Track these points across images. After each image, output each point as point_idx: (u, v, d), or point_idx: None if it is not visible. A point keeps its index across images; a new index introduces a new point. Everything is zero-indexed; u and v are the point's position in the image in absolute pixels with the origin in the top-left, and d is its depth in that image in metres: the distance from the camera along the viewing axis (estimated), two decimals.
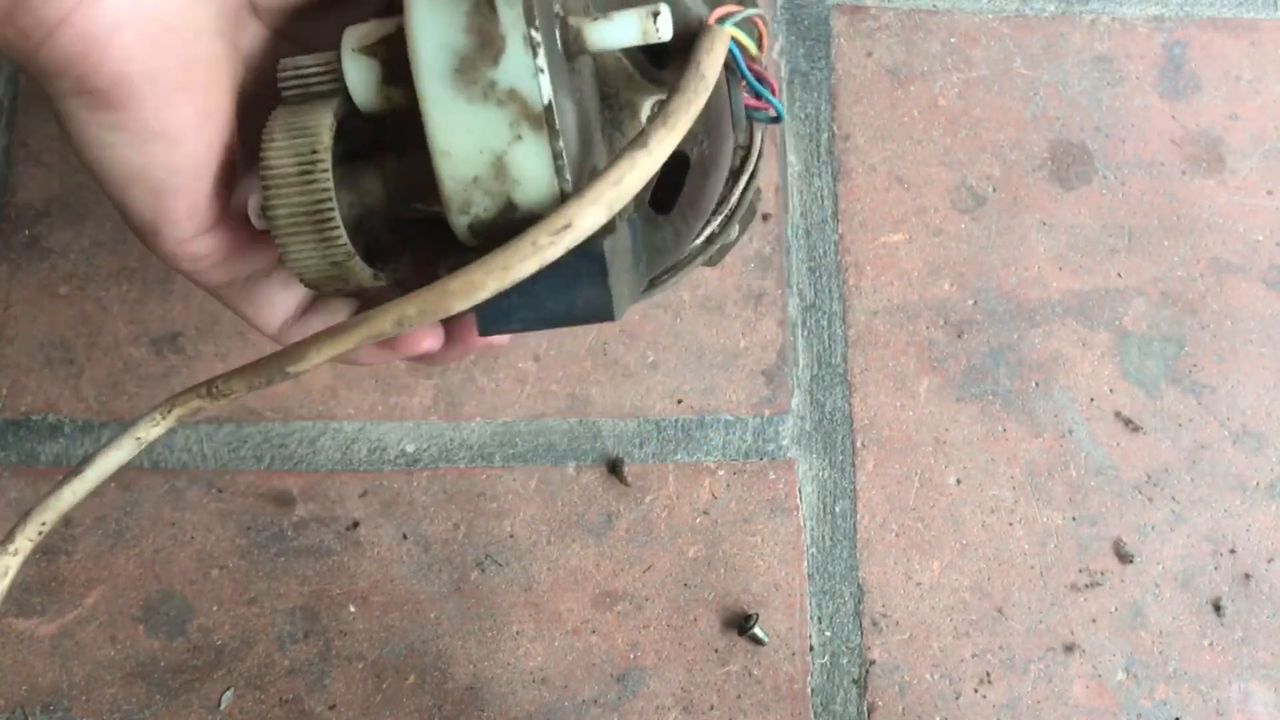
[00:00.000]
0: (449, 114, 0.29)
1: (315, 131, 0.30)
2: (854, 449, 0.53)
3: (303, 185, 0.30)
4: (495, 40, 0.28)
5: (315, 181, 0.30)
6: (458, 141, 0.29)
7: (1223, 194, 0.58)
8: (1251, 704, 0.50)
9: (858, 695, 0.50)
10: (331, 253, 0.31)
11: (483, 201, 0.30)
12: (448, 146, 0.29)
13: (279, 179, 0.30)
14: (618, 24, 0.30)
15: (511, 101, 0.29)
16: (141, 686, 0.48)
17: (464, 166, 0.30)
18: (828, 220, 0.56)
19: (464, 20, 0.28)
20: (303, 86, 0.31)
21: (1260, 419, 0.54)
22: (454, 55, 0.29)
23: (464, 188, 0.30)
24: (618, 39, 0.30)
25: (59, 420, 0.51)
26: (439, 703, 0.49)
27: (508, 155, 0.29)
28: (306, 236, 0.31)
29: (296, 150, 0.30)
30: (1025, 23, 0.60)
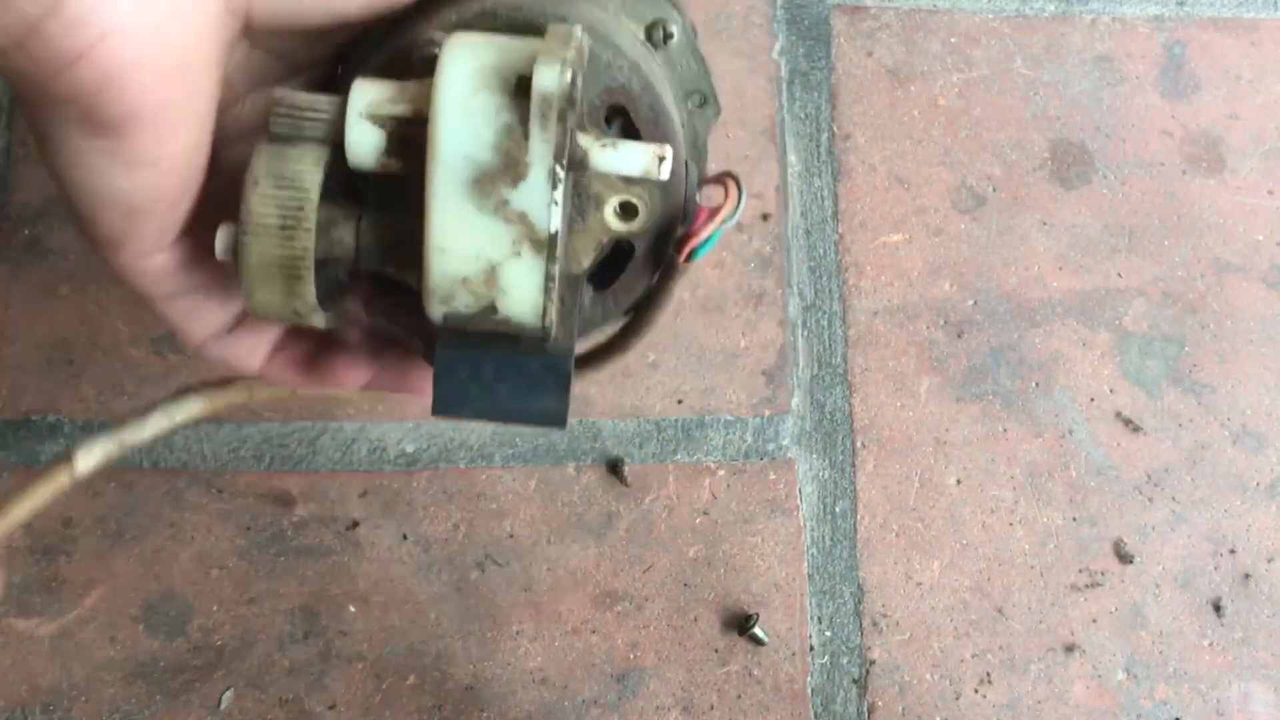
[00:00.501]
0: (454, 217, 0.30)
1: (304, 186, 0.30)
2: (854, 449, 0.53)
3: (282, 240, 0.30)
4: (520, 166, 0.29)
5: (296, 240, 0.30)
6: (456, 243, 0.30)
7: (1223, 194, 0.58)
8: (1252, 704, 0.50)
9: (858, 695, 0.50)
10: (296, 304, 0.31)
11: (465, 299, 0.31)
12: (445, 245, 0.30)
13: (259, 229, 0.30)
14: (625, 156, 0.31)
15: (520, 222, 0.30)
16: (141, 687, 0.48)
17: (456, 266, 0.30)
18: (828, 220, 0.56)
19: (493, 138, 0.29)
20: (294, 126, 0.30)
21: (1260, 419, 0.54)
22: (474, 167, 0.29)
23: (450, 284, 0.30)
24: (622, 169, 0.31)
25: (59, 420, 0.51)
26: (439, 703, 0.49)
27: (503, 267, 0.30)
28: (275, 287, 0.30)
29: (282, 203, 0.30)
30: (1025, 22, 0.60)
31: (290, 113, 0.30)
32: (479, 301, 0.31)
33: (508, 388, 0.32)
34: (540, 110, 0.28)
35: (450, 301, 0.31)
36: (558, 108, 0.28)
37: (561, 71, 0.28)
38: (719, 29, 0.59)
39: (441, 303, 0.31)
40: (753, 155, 0.56)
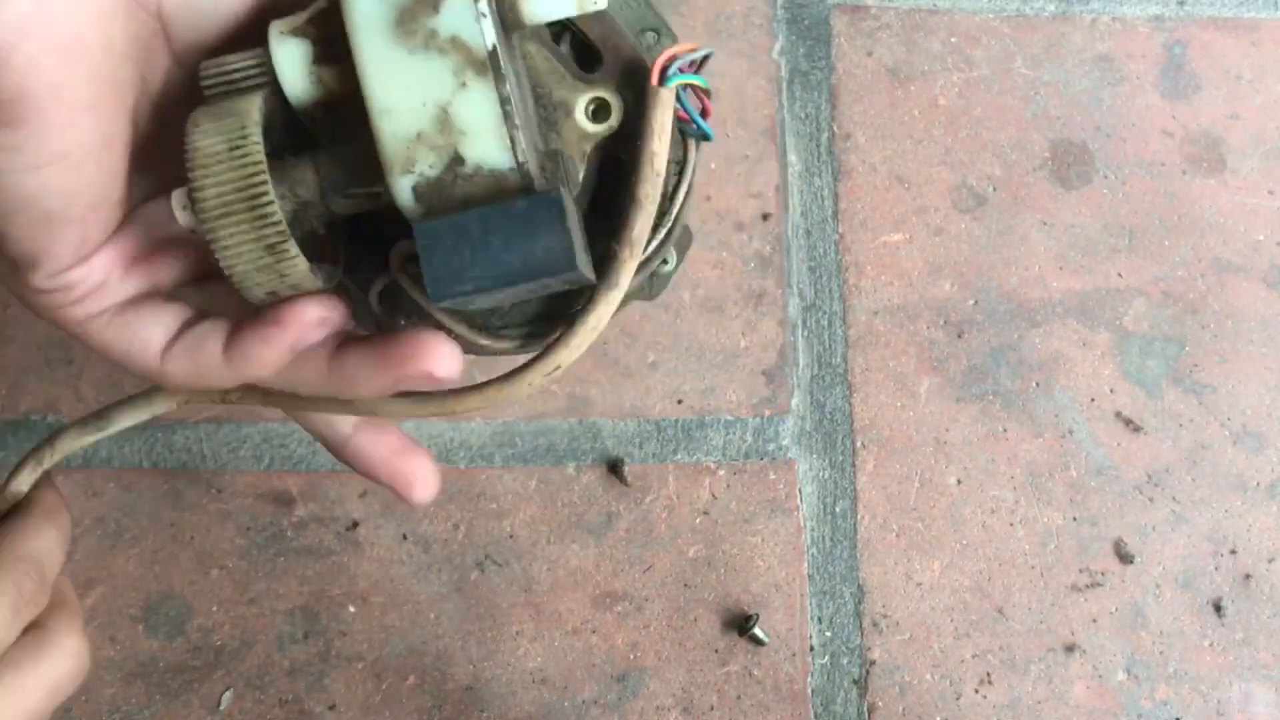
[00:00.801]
0: (389, 68, 0.28)
1: (244, 111, 0.29)
2: (854, 449, 0.53)
3: (233, 161, 0.28)
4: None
5: (247, 155, 0.28)
6: (399, 96, 0.28)
7: (1223, 194, 0.58)
8: (1252, 704, 0.50)
9: (858, 695, 0.50)
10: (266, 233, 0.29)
11: (427, 158, 0.29)
12: (388, 103, 0.28)
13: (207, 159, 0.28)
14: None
15: (454, 49, 0.28)
16: (141, 687, 0.48)
17: (406, 122, 0.28)
18: (828, 220, 0.56)
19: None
20: (227, 84, 0.29)
21: (1261, 419, 0.54)
22: (391, 7, 0.28)
23: (407, 146, 0.29)
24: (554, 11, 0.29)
25: (59, 420, 0.51)
26: (439, 703, 0.49)
27: (452, 105, 0.28)
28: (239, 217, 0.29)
29: (225, 129, 0.28)
30: (1026, 22, 0.60)
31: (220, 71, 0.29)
32: (442, 156, 0.29)
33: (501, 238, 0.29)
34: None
35: (412, 166, 0.29)
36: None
37: None
38: (719, 29, 0.59)
39: (404, 171, 0.29)
40: (753, 155, 0.56)
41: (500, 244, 0.29)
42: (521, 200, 0.29)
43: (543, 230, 0.29)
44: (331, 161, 0.30)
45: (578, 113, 0.32)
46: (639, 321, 0.54)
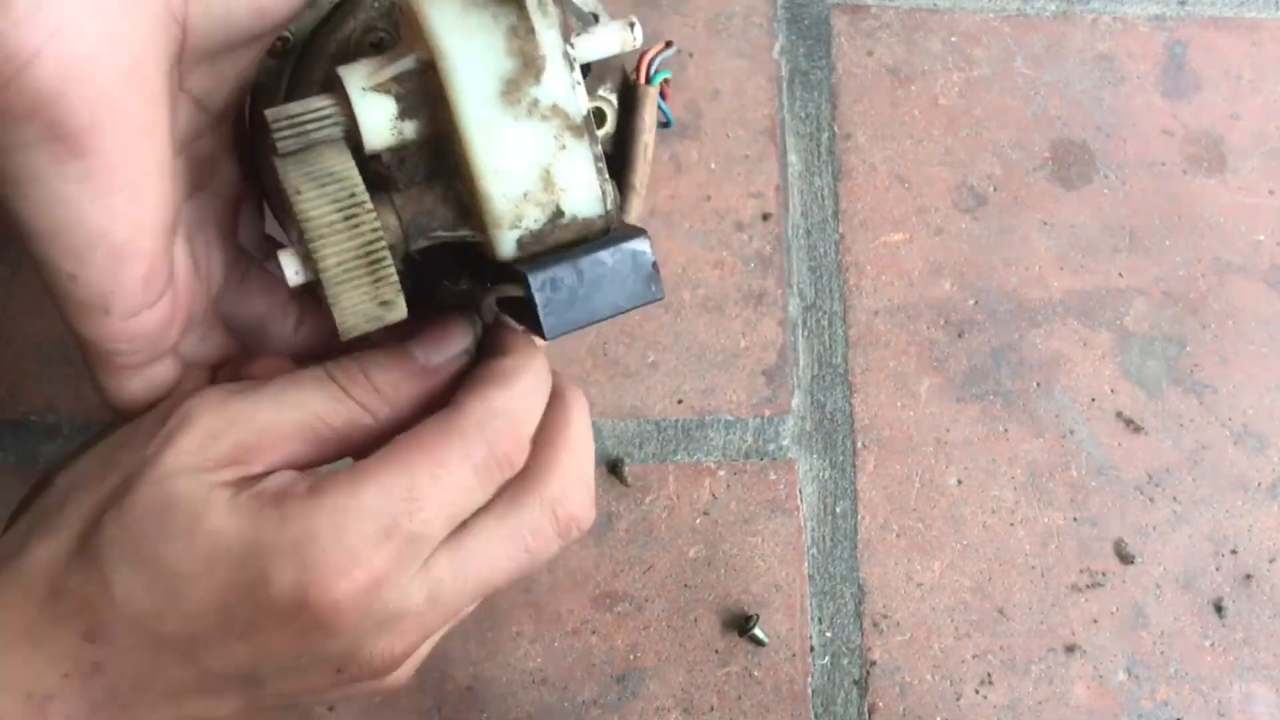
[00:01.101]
0: (497, 135, 0.30)
1: (346, 175, 0.30)
2: (854, 449, 0.53)
3: (350, 230, 0.30)
4: (536, 61, 0.30)
5: (363, 223, 0.30)
6: (507, 159, 0.30)
7: (1224, 193, 0.58)
8: (1253, 705, 0.50)
9: (858, 696, 0.50)
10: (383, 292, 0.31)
11: (533, 214, 0.31)
12: (499, 166, 0.30)
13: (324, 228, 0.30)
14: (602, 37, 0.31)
15: (555, 116, 0.30)
16: None
17: (515, 183, 0.31)
18: (828, 220, 0.56)
19: (504, 44, 0.30)
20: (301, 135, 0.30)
21: (1262, 419, 0.54)
22: (497, 79, 0.30)
23: (515, 204, 0.31)
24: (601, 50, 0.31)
25: (59, 420, 0.51)
26: (439, 703, 0.49)
27: (554, 166, 0.31)
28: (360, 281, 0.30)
29: (333, 197, 0.30)
30: (1026, 22, 0.60)
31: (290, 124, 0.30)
32: (545, 210, 0.31)
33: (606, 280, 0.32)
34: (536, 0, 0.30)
35: (519, 222, 0.31)
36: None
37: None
38: (719, 29, 0.59)
39: (512, 227, 0.31)
40: (753, 155, 0.56)
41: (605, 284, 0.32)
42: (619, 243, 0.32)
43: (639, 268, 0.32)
44: (414, 207, 0.32)
45: None
46: (639, 321, 0.54)
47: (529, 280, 0.31)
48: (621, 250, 0.32)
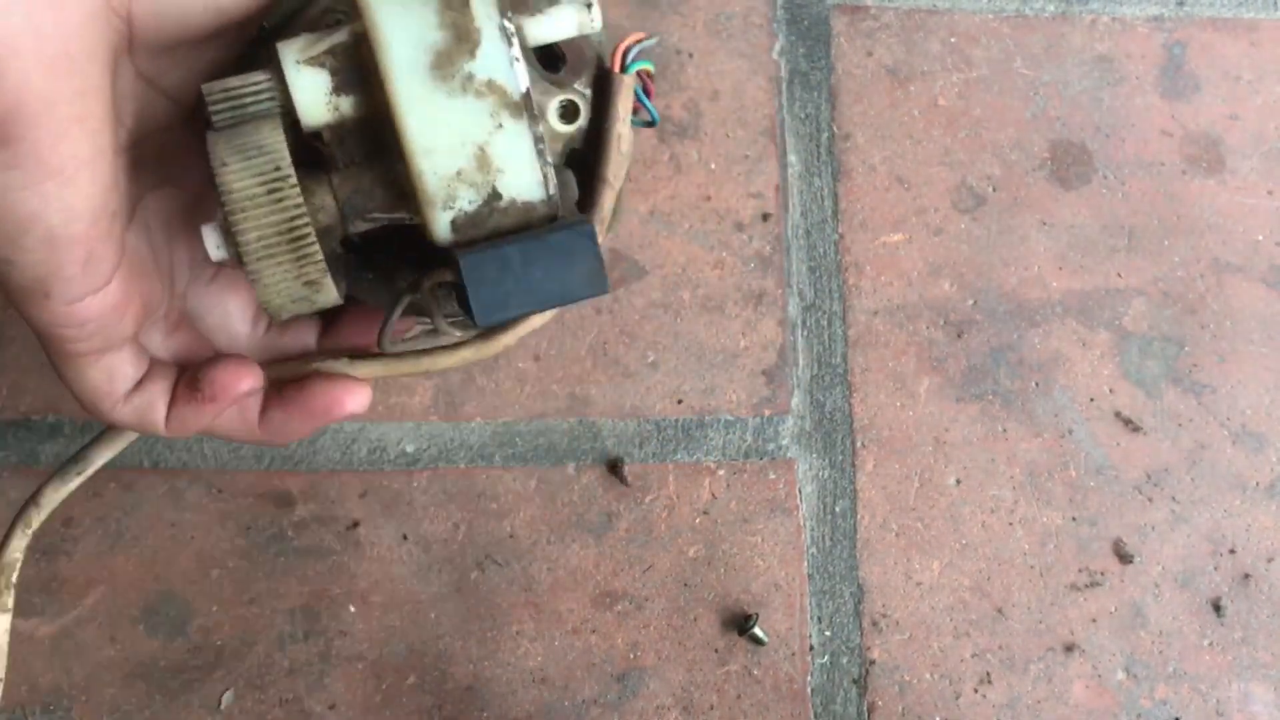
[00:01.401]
0: (428, 111, 0.29)
1: (273, 148, 0.29)
2: (854, 449, 0.53)
3: (273, 205, 0.29)
4: (471, 34, 0.29)
5: (286, 198, 0.29)
6: (439, 137, 0.29)
7: (1223, 194, 0.58)
8: (1251, 704, 0.50)
9: (858, 695, 0.50)
10: (306, 271, 0.30)
11: (467, 195, 0.30)
12: (429, 143, 0.29)
13: (245, 201, 0.29)
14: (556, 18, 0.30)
15: (490, 92, 0.29)
16: (141, 687, 0.48)
17: (447, 161, 0.30)
18: (828, 220, 0.56)
19: (436, 17, 0.29)
20: (236, 108, 0.30)
21: (1260, 419, 0.54)
22: (429, 52, 0.29)
23: (447, 183, 0.30)
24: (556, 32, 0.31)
25: (59, 420, 0.51)
26: (439, 703, 0.49)
27: (490, 145, 0.30)
28: (282, 257, 0.30)
29: (258, 170, 0.29)
30: (1025, 22, 0.60)
31: (226, 98, 0.30)
32: (480, 192, 0.30)
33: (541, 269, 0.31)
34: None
35: (453, 203, 0.30)
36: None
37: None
38: (719, 29, 0.59)
39: (445, 208, 0.30)
40: (753, 155, 0.57)
41: (541, 273, 0.31)
42: (558, 232, 0.31)
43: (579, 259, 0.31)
44: (351, 186, 0.31)
45: (550, 116, 0.33)
46: (639, 321, 0.54)
47: (460, 263, 0.30)
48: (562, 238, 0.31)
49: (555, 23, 0.31)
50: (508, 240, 0.31)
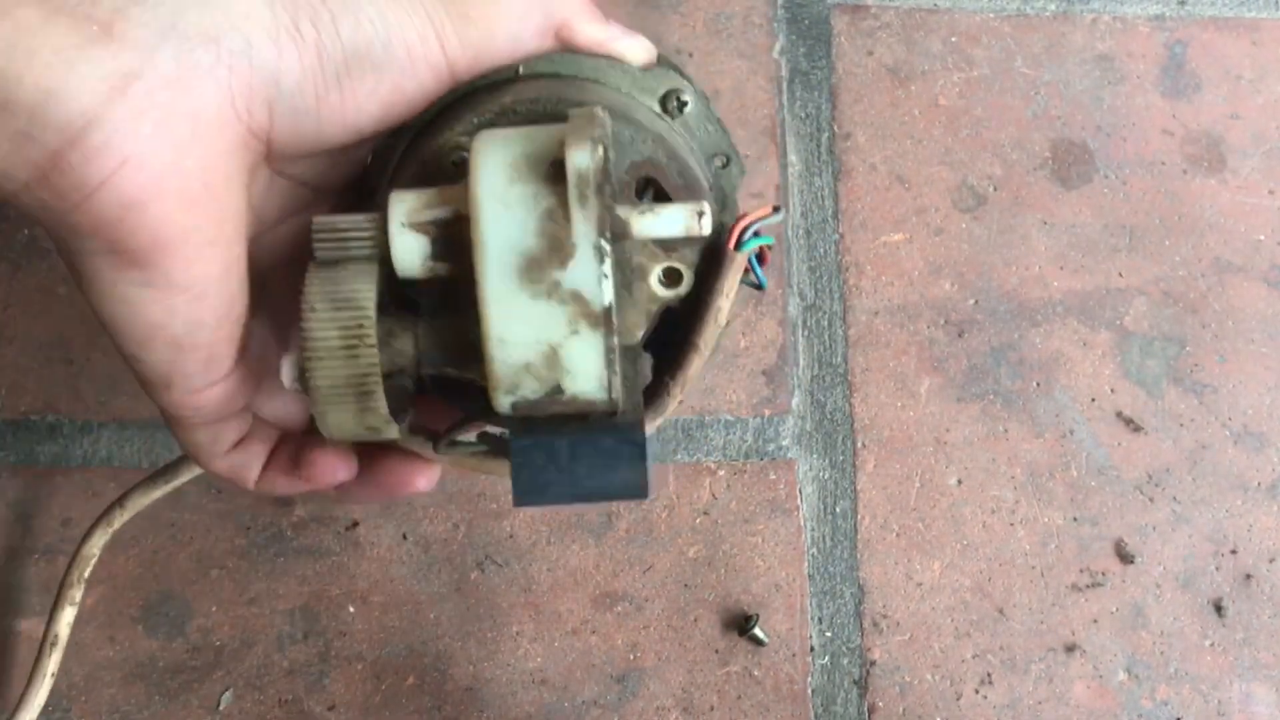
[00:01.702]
0: (509, 307, 0.30)
1: (360, 304, 0.31)
2: (854, 449, 0.53)
3: (347, 359, 0.31)
4: (565, 246, 0.30)
5: (360, 357, 0.31)
6: (515, 331, 0.30)
7: (1224, 193, 0.58)
8: (1253, 705, 0.50)
9: (858, 696, 0.50)
10: (369, 418, 0.32)
11: (531, 385, 0.31)
12: (504, 335, 0.30)
13: (323, 351, 0.31)
14: (665, 219, 0.31)
15: (574, 301, 0.30)
16: (140, 687, 0.48)
17: (518, 354, 0.31)
18: (828, 220, 0.56)
19: (536, 224, 0.29)
20: (339, 249, 0.31)
21: (1262, 419, 0.54)
22: (521, 255, 0.30)
23: (514, 372, 0.31)
24: (663, 232, 0.31)
25: (58, 420, 0.51)
26: (439, 703, 0.49)
27: (563, 348, 0.31)
28: (348, 404, 0.31)
29: (341, 323, 0.30)
30: (1026, 22, 0.60)
31: (332, 236, 0.31)
32: (544, 385, 0.31)
33: (585, 467, 0.32)
34: (578, 189, 0.29)
35: (516, 390, 0.31)
36: (594, 183, 0.29)
37: (593, 149, 0.29)
38: (719, 29, 0.59)
39: (508, 393, 0.31)
40: (753, 155, 0.56)
41: (584, 470, 0.32)
42: (609, 435, 0.32)
43: (624, 465, 0.32)
44: (432, 338, 0.32)
45: (652, 278, 0.34)
46: None
47: (511, 445, 0.32)
48: (612, 442, 0.32)
49: (664, 223, 0.31)
50: (560, 432, 0.32)
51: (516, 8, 0.33)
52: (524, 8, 0.33)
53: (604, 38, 0.35)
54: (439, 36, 0.32)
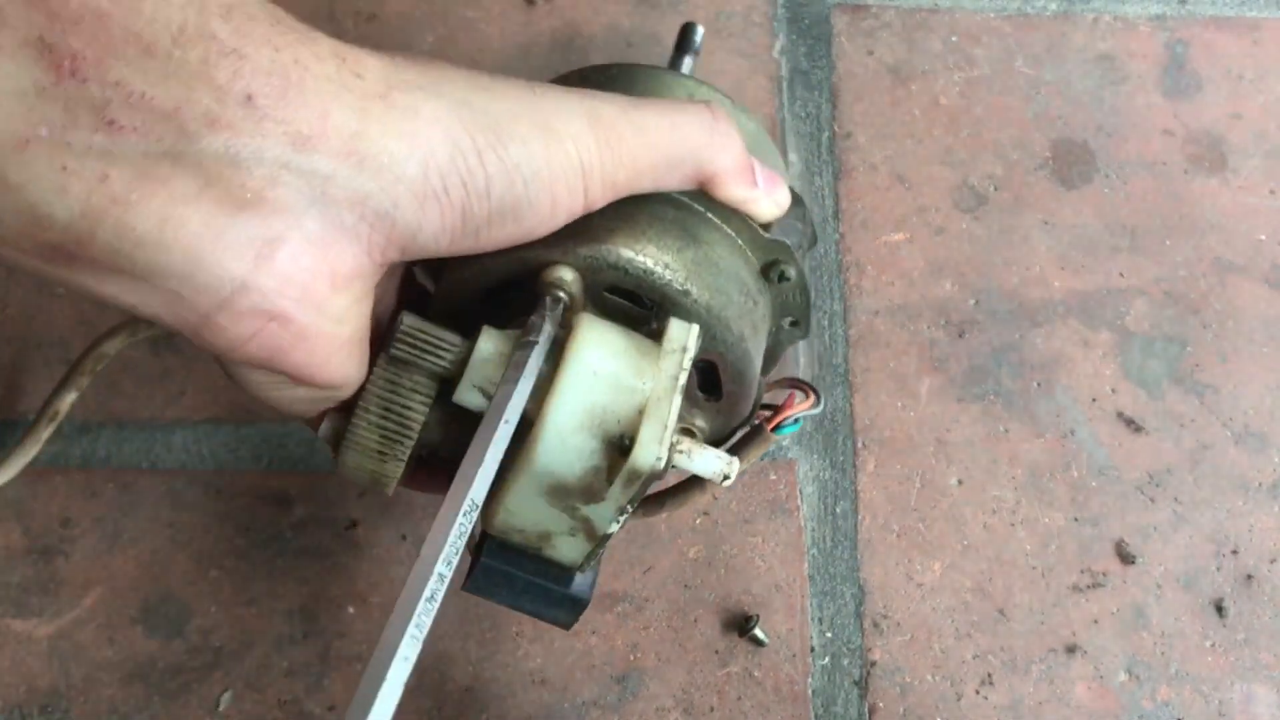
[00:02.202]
0: (529, 499, 0.34)
1: (409, 422, 0.34)
2: (855, 449, 0.53)
3: (377, 459, 0.35)
4: (598, 495, 0.33)
5: (388, 464, 0.35)
6: (524, 513, 0.34)
7: (1225, 193, 0.58)
8: (1254, 705, 0.50)
9: (859, 697, 0.50)
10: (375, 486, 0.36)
11: (518, 539, 0.36)
12: (514, 510, 0.34)
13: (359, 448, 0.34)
14: (700, 463, 0.33)
15: (583, 522, 0.34)
16: (139, 688, 0.48)
17: (518, 523, 0.35)
18: (829, 219, 0.56)
19: (580, 472, 0.32)
20: (414, 355, 0.34)
21: (1263, 419, 0.54)
22: (557, 481, 0.33)
23: (508, 529, 0.35)
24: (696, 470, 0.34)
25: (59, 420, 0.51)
26: (439, 703, 0.49)
27: (557, 538, 0.35)
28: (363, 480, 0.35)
29: (385, 432, 0.34)
30: (1027, 21, 0.60)
31: (414, 342, 0.34)
32: (529, 544, 0.36)
33: (531, 597, 0.37)
34: (628, 478, 0.32)
35: (506, 535, 0.36)
36: (644, 482, 0.32)
37: (658, 457, 0.31)
38: (719, 28, 0.59)
39: (498, 531, 0.36)
40: None
41: (529, 600, 0.37)
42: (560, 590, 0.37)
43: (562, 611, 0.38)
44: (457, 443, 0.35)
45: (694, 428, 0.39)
46: None
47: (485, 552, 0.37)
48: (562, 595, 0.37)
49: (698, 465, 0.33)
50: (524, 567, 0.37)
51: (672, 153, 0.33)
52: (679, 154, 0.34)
53: (744, 198, 0.36)
54: (585, 184, 0.32)
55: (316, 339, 0.31)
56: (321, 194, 0.29)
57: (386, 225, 0.30)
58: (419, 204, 0.30)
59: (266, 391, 0.33)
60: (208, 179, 0.27)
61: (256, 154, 0.28)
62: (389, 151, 0.29)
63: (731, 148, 0.34)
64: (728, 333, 0.36)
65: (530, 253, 0.34)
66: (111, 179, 0.27)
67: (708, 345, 0.36)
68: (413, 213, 0.30)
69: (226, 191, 0.28)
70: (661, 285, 0.34)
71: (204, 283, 0.28)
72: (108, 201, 0.27)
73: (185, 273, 0.28)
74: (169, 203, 0.27)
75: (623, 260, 0.34)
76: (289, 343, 0.30)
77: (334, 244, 0.29)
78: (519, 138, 0.31)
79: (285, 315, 0.30)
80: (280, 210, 0.28)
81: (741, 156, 0.35)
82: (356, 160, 0.29)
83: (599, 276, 0.34)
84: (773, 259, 0.38)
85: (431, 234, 0.31)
